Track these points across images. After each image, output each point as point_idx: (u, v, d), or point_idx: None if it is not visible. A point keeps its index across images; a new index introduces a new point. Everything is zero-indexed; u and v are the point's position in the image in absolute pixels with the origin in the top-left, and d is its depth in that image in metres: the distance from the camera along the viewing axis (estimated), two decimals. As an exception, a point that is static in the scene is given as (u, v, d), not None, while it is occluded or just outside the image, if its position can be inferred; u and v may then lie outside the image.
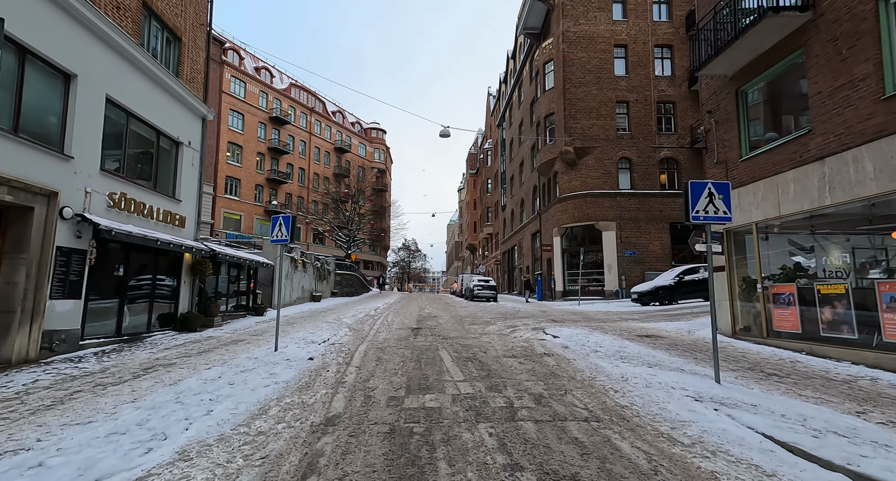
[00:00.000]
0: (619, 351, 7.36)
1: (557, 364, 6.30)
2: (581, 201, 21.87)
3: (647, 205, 21.42)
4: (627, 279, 20.89)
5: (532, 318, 13.61)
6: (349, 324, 12.30)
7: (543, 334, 9.95)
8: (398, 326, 11.83)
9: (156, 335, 9.61)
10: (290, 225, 7.93)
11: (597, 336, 9.34)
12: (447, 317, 14.51)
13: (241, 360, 6.97)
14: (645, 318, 13.18)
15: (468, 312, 16.32)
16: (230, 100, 38.27)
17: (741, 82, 9.07)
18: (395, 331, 10.62)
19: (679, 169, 21.81)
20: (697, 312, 13.64)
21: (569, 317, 14.06)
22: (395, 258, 76.58)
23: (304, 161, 47.71)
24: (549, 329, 10.75)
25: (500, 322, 12.70)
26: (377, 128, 61.09)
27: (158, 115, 9.76)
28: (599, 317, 14.06)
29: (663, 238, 21.19)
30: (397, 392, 4.90)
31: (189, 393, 4.97)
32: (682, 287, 16.07)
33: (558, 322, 12.57)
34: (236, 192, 39.11)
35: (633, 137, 21.91)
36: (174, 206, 10.38)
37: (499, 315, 14.98)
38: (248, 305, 15.07)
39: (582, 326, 11.35)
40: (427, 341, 8.82)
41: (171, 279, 10.52)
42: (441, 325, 11.95)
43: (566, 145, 21.89)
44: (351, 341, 9.06)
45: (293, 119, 46.27)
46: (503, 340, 8.93)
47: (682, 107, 21.92)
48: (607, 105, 22.03)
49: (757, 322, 8.96)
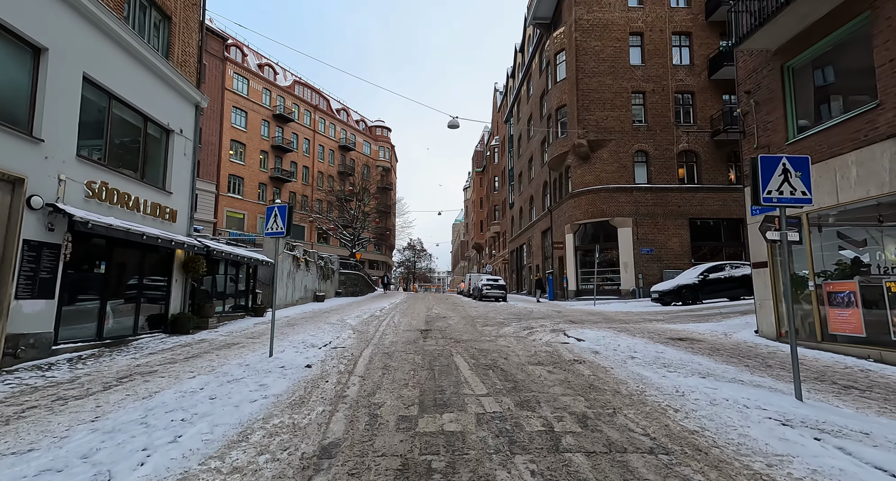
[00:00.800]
0: (657, 357, 6.47)
1: (593, 373, 5.43)
2: (595, 196, 20.93)
3: (664, 200, 20.44)
4: (644, 278, 19.93)
5: (548, 319, 12.73)
6: (353, 326, 11.48)
7: (565, 337, 9.08)
8: (406, 328, 11.00)
9: (143, 338, 8.84)
10: (286, 216, 7.12)
11: (625, 339, 8.46)
12: (457, 317, 13.66)
13: (230, 367, 6.17)
14: (670, 319, 12.26)
15: (478, 313, 15.47)
16: (233, 96, 37.67)
17: (788, 56, 8.14)
18: (403, 334, 9.79)
19: (698, 162, 20.81)
20: (727, 313, 12.70)
21: (587, 317, 13.17)
22: (400, 258, 75.89)
23: (308, 159, 47.06)
24: (570, 331, 9.87)
25: (514, 323, 11.84)
26: (382, 126, 60.38)
27: (146, 99, 8.99)
28: (620, 317, 13.16)
29: (682, 234, 20.20)
30: (408, 410, 4.05)
31: (160, 410, 4.16)
32: (706, 286, 15.11)
33: (577, 323, 11.69)
34: (239, 191, 38.51)
35: (649, 129, 20.93)
36: (164, 199, 9.62)
37: (511, 315, 14.11)
38: (247, 306, 14.30)
39: (604, 328, 10.46)
40: (438, 345, 7.98)
41: (162, 277, 9.76)
42: (451, 327, 11.11)
43: (579, 138, 20.95)
44: (355, 345, 8.24)
45: (297, 116, 45.64)
46: (522, 344, 8.06)
47: (701, 97, 20.92)
48: (622, 96, 21.07)
49: (807, 324, 8.03)
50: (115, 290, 8.34)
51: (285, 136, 43.67)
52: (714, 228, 20.61)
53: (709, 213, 20.28)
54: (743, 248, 20.14)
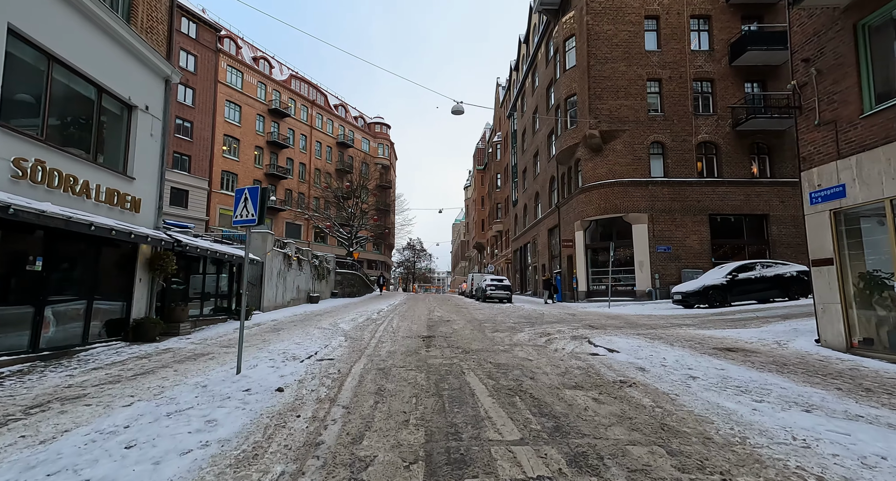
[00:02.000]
0: (723, 377, 5.13)
1: (655, 403, 4.08)
2: (608, 191, 19.60)
3: (682, 194, 19.11)
4: (661, 278, 18.60)
5: (564, 323, 11.40)
6: (346, 331, 10.15)
7: (591, 345, 7.75)
8: (405, 334, 9.66)
9: (96, 348, 7.48)
10: (258, 199, 5.78)
11: (666, 350, 7.13)
12: (462, 321, 12.32)
13: (182, 390, 4.84)
14: (701, 324, 10.91)
15: (485, 316, 14.13)
16: (226, 90, 36.32)
17: (863, 12, 6.80)
18: (402, 342, 8.45)
19: (718, 154, 19.48)
20: (764, 317, 11.35)
21: (606, 321, 11.83)
22: (399, 258, 74.58)
23: (305, 156, 45.70)
24: (596, 338, 8.54)
25: (527, 328, 10.50)
26: (381, 122, 59.05)
27: (101, 67, 7.65)
28: (643, 321, 11.83)
29: (701, 231, 18.87)
30: (410, 471, 2.71)
31: (41, 471, 2.81)
32: (735, 287, 13.77)
33: (598, 328, 10.36)
34: (233, 188, 37.10)
35: (666, 119, 19.60)
36: (124, 185, 8.27)
37: (522, 319, 12.78)
38: (230, 308, 12.95)
39: (632, 334, 9.13)
40: (445, 357, 6.64)
41: (122, 276, 8.40)
42: (457, 333, 9.77)
43: (591, 128, 19.62)
44: (345, 356, 6.90)
45: (293, 112, 44.27)
46: (545, 356, 6.72)
47: (721, 85, 19.58)
48: (637, 83, 19.74)
49: (883, 333, 6.70)
50: (58, 291, 6.98)
51: (281, 132, 42.31)
52: (735, 225, 19.27)
53: (730, 209, 18.95)
54: (767, 246, 18.82)
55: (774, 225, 18.70)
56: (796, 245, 18.41)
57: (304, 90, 46.72)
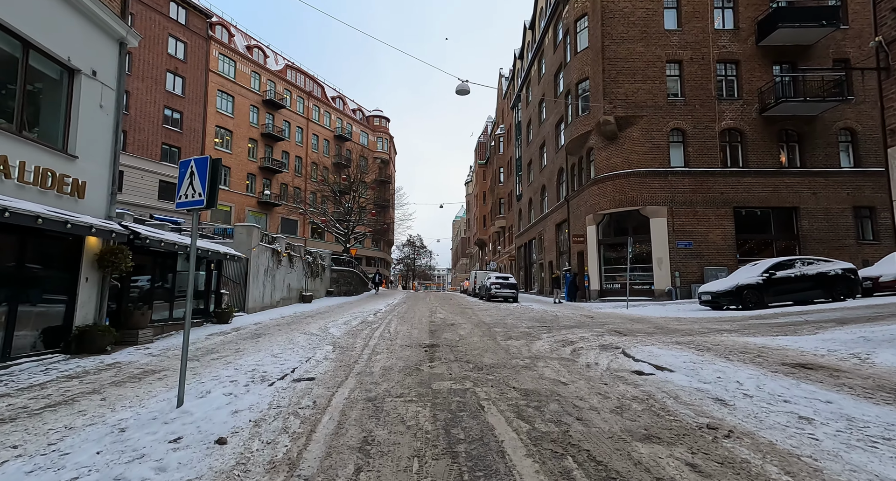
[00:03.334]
0: (841, 416, 3.71)
1: (790, 475, 2.65)
2: (623, 182, 18.14)
3: (705, 185, 17.66)
4: (682, 276, 17.18)
5: (584, 328, 9.99)
6: (336, 338, 8.74)
7: (630, 359, 6.34)
8: (404, 341, 8.25)
9: (21, 364, 6.06)
10: (207, 174, 4.35)
11: (727, 367, 5.70)
12: (468, 325, 10.91)
13: (86, 439, 3.43)
14: (743, 329, 9.46)
15: (493, 318, 12.72)
16: (218, 79, 34.79)
17: None
18: (400, 353, 7.04)
19: (744, 142, 18.01)
20: (814, 320, 9.91)
21: (632, 326, 10.41)
22: (399, 255, 73.23)
23: (301, 149, 44.20)
24: (632, 349, 7.12)
25: (544, 334, 9.09)
26: (380, 115, 57.49)
27: (27, 16, 6.18)
28: (674, 325, 10.40)
29: (725, 226, 17.42)
30: None
31: None
32: (772, 286, 12.34)
33: (625, 334, 8.94)
34: (226, 181, 35.69)
35: (687, 104, 18.12)
36: (64, 165, 6.82)
37: (535, 322, 11.37)
38: (207, 310, 11.53)
39: (671, 344, 7.72)
40: (454, 378, 5.22)
41: (62, 275, 6.97)
42: (465, 340, 8.36)
43: (605, 114, 18.14)
44: (329, 375, 5.49)
45: (289, 103, 42.73)
46: (580, 375, 5.31)
47: (747, 66, 18.08)
48: (655, 65, 18.25)
49: None
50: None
51: (276, 124, 40.79)
52: (762, 219, 17.82)
53: (756, 201, 17.50)
54: (797, 242, 17.39)
55: (805, 219, 17.25)
56: (829, 240, 16.98)
57: (301, 81, 45.16)
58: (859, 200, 17.27)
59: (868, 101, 17.59)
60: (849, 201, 17.23)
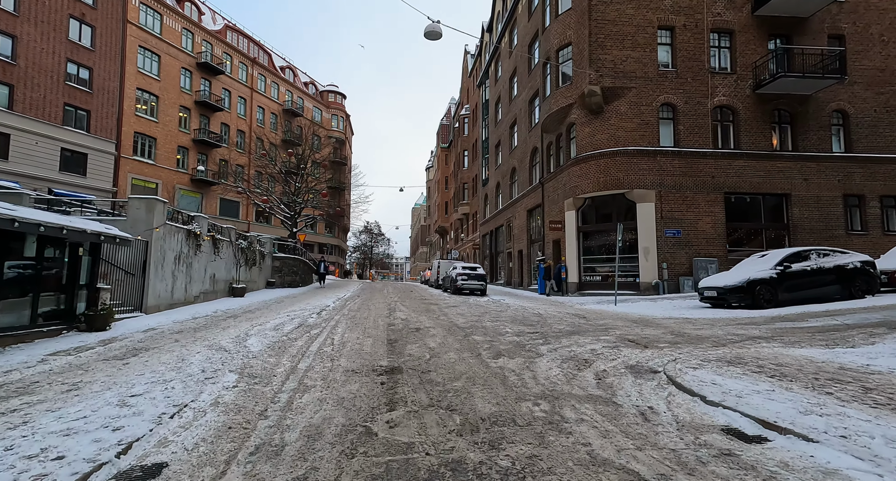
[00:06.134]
0: None
1: None
2: (609, 161, 16.15)
3: (695, 167, 16.01)
4: (669, 267, 15.52)
5: (585, 335, 7.74)
6: (250, 358, 5.92)
7: (695, 399, 4.09)
8: (352, 361, 5.58)
9: None
10: None
11: (835, 408, 3.54)
12: (439, 331, 8.39)
13: None
14: (776, 336, 7.53)
15: (466, 319, 10.28)
16: (139, 33, 29.66)
17: None
18: (343, 388, 4.41)
19: (736, 121, 16.47)
20: (854, 324, 8.18)
21: (642, 331, 8.29)
22: (356, 242, 69.50)
23: (245, 122, 39.53)
24: (680, 375, 4.87)
25: (543, 347, 6.74)
26: (335, 91, 53.11)
27: None
28: (690, 330, 8.37)
29: (716, 213, 15.89)
30: None
31: None
32: (786, 280, 10.69)
33: (646, 346, 6.75)
34: (150, 154, 30.81)
35: (679, 76, 16.30)
36: None
37: (521, 325, 9.04)
38: (71, 312, 8.22)
39: (716, 362, 5.53)
40: (434, 455, 2.66)
41: None
42: (438, 358, 5.83)
43: (591, 84, 15.98)
44: (196, 460, 2.74)
45: (229, 70, 37.81)
46: (653, 446, 2.90)
47: (742, 38, 16.47)
48: (646, 30, 16.26)
49: None
50: None
51: (214, 92, 35.92)
52: (752, 205, 16.45)
53: (748, 187, 16.08)
54: (787, 231, 16.18)
55: (796, 206, 16.04)
56: (820, 230, 15.88)
57: (244, 45, 40.19)
58: (849, 188, 16.27)
59: (861, 81, 16.55)
60: (839, 189, 16.19)
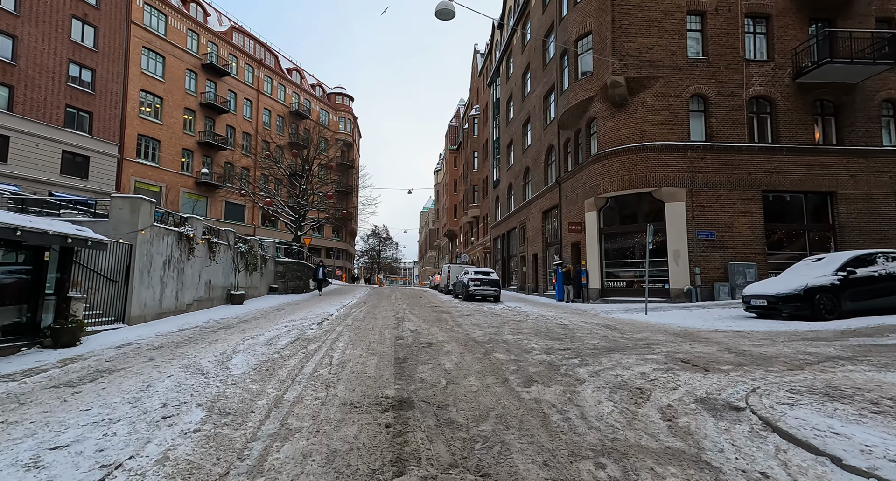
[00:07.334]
0: None
1: None
2: (634, 157, 14.91)
3: (729, 163, 14.70)
4: (703, 272, 14.19)
5: (629, 353, 6.48)
6: (229, 385, 4.79)
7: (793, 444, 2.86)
8: (351, 391, 4.38)
9: None
10: None
11: None
12: (455, 347, 7.21)
13: None
14: (858, 356, 6.19)
15: (484, 330, 9.09)
16: (144, 34, 29.15)
17: None
18: (336, 433, 3.20)
19: (774, 112, 15.15)
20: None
21: (695, 348, 7.02)
22: (364, 246, 68.66)
23: (250, 124, 38.88)
24: (781, 418, 3.63)
25: (581, 370, 5.53)
26: (343, 93, 52.46)
27: None
28: (748, 347, 7.08)
29: (753, 212, 14.55)
30: None
31: None
32: (849, 288, 9.35)
33: (707, 369, 5.50)
34: (155, 157, 30.21)
35: (710, 65, 15.04)
36: None
37: (547, 339, 7.83)
38: (35, 324, 7.20)
39: (811, 393, 4.30)
40: None
41: None
42: (457, 386, 4.63)
43: (615, 74, 14.79)
44: None
45: (235, 71, 37.27)
46: None
47: (780, 22, 15.19)
48: (675, 16, 15.05)
49: None
50: None
51: (219, 94, 35.35)
52: (793, 205, 15.07)
53: (788, 184, 14.71)
54: (832, 232, 14.76)
55: (842, 205, 14.63)
56: (870, 231, 14.44)
57: (250, 47, 39.66)
58: (902, 185, 14.85)
59: (913, 69, 15.14)
60: (892, 186, 14.76)
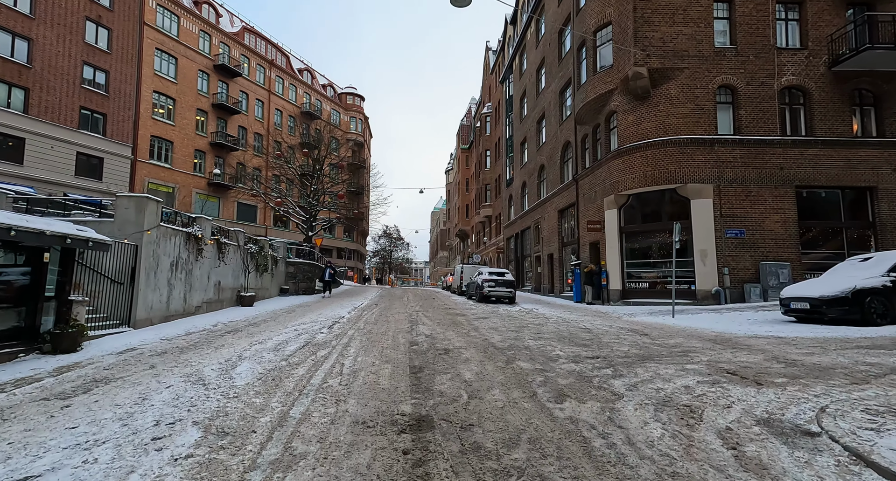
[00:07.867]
0: None
1: None
2: (657, 152, 14.22)
3: (759, 158, 13.92)
4: (732, 273, 13.44)
5: (665, 363, 5.86)
6: (231, 397, 4.33)
7: None
8: (362, 406, 3.83)
9: None
10: None
11: None
12: (474, 354, 6.69)
13: None
14: None
15: (503, 335, 8.55)
16: (156, 36, 29.21)
17: None
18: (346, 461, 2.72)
19: (808, 103, 14.32)
20: None
21: (738, 357, 6.36)
22: (375, 247, 68.56)
23: (262, 125, 38.86)
24: (865, 446, 3.05)
25: (616, 382, 4.94)
26: (353, 93, 52.30)
27: None
28: (797, 356, 6.40)
29: (786, 210, 13.75)
30: None
31: None
32: (901, 288, 8.60)
33: (759, 382, 4.84)
34: (167, 158, 30.27)
35: (738, 54, 14.27)
36: None
37: (572, 345, 7.25)
38: (34, 328, 6.87)
39: (892, 413, 3.68)
40: None
41: None
42: (479, 402, 4.07)
43: (637, 65, 14.11)
44: None
45: (247, 72, 37.27)
46: None
47: (814, 8, 14.35)
48: (700, 2, 14.32)
49: None
50: None
51: (231, 94, 35.36)
52: (829, 201, 14.23)
53: (823, 179, 13.88)
54: (872, 230, 13.88)
55: (884, 201, 13.74)
56: (914, 229, 13.54)
57: (261, 47, 39.65)
58: (948, 180, 13.89)
59: (958, 55, 14.16)
60: (936, 180, 13.83)
